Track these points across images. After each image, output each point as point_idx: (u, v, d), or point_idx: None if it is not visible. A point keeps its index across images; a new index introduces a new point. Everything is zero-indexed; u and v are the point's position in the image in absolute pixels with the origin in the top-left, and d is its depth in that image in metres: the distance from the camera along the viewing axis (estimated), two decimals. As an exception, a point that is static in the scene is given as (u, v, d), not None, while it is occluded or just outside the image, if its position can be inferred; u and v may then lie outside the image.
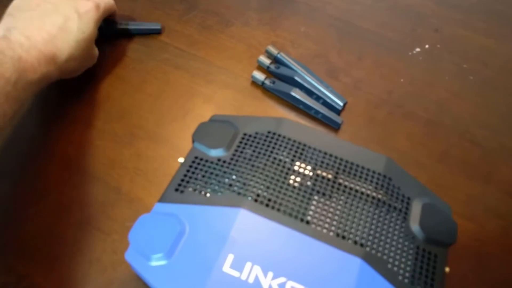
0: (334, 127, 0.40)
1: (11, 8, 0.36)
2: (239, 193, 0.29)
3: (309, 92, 0.41)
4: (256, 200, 0.29)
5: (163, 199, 0.29)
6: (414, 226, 0.29)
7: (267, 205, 0.29)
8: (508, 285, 0.32)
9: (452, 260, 0.31)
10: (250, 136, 0.33)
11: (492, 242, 0.34)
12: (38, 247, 0.31)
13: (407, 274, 0.27)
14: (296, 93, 0.40)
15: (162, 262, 0.26)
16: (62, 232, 0.31)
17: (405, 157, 0.38)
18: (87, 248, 0.31)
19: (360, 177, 0.31)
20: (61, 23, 0.36)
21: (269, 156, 0.31)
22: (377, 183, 0.31)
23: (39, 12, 0.36)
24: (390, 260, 0.27)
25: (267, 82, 0.41)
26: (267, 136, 0.33)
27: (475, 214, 0.35)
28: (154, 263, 0.26)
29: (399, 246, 0.28)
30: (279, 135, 0.33)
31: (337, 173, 0.31)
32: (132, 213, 0.32)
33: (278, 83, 0.41)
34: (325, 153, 0.32)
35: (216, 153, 0.32)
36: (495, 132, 0.41)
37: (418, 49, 0.47)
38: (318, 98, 0.41)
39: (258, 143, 0.32)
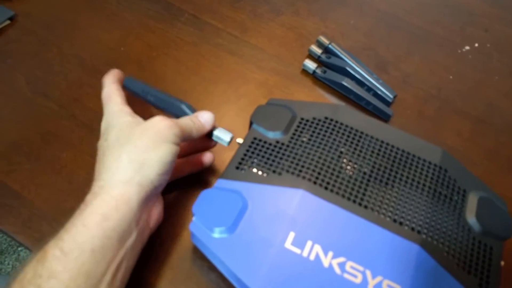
0: (384, 118, 0.40)
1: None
2: (298, 175, 0.30)
3: (360, 83, 0.41)
4: (315, 183, 0.29)
5: (224, 175, 0.30)
6: (471, 218, 0.30)
7: (326, 188, 0.29)
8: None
9: (506, 256, 0.31)
10: (307, 120, 0.33)
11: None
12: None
13: (463, 264, 0.27)
14: (348, 83, 0.40)
15: (225, 235, 0.27)
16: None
17: (454, 152, 0.38)
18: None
19: (417, 167, 0.31)
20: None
21: (327, 141, 0.32)
22: (433, 174, 0.31)
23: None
24: (446, 249, 0.28)
25: (318, 71, 0.42)
26: (324, 122, 0.33)
27: (525, 212, 0.35)
28: (217, 235, 0.27)
29: (455, 236, 0.29)
30: (337, 121, 0.33)
31: (393, 161, 0.32)
32: (190, 190, 0.33)
33: (329, 72, 0.42)
34: (382, 142, 0.32)
35: (274, 135, 0.32)
36: (545, 133, 0.41)
37: (467, 47, 0.47)
38: (368, 89, 0.41)
39: (315, 128, 0.33)
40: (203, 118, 0.33)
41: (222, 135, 0.33)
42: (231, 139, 0.33)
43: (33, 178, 0.34)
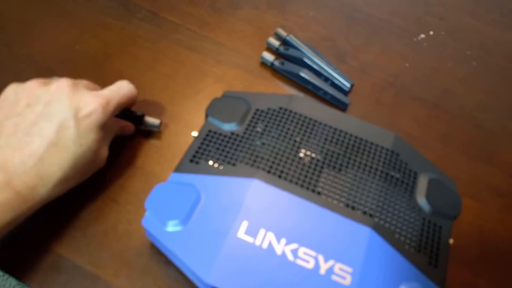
0: (341, 107, 0.41)
1: None
2: (252, 165, 0.30)
3: (317, 74, 0.42)
4: (269, 172, 0.30)
5: (178, 169, 0.30)
6: (421, 199, 0.30)
7: (279, 176, 0.30)
8: (508, 258, 0.33)
9: (456, 235, 0.32)
10: (262, 111, 0.34)
11: (494, 219, 0.35)
12: (56, 216, 0.32)
13: (413, 244, 0.28)
14: (305, 74, 0.41)
15: (178, 228, 0.27)
16: (79, 204, 0.32)
17: (411, 138, 0.39)
18: (103, 218, 0.32)
19: (369, 152, 0.32)
20: (52, 137, 0.27)
21: (281, 131, 0.32)
22: (385, 158, 0.32)
23: (24, 122, 0.28)
24: (398, 230, 0.28)
25: (276, 63, 0.42)
26: (279, 112, 0.34)
27: (478, 193, 0.37)
28: (170, 229, 0.27)
29: (406, 217, 0.29)
30: (291, 111, 0.34)
31: (346, 148, 0.32)
32: (147, 186, 0.33)
33: (287, 64, 0.42)
34: (335, 129, 0.33)
35: (229, 127, 0.32)
36: (498, 116, 0.42)
37: (423, 36, 0.48)
38: (326, 79, 0.41)
39: (270, 118, 0.33)
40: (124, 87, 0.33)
41: (152, 120, 0.36)
42: (160, 123, 0.36)
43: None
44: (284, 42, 0.44)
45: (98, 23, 0.44)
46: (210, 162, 0.30)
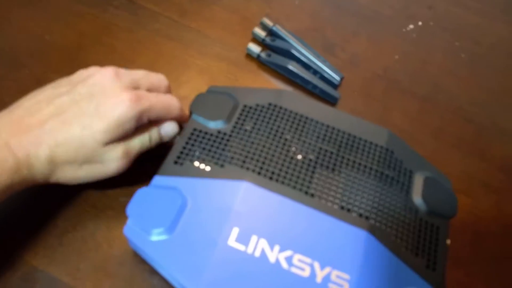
0: (331, 102, 0.39)
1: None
2: (241, 166, 0.28)
3: (305, 66, 0.40)
4: (259, 173, 0.28)
5: (161, 171, 0.28)
6: (417, 199, 0.29)
7: (270, 178, 0.28)
8: (503, 257, 0.33)
9: (450, 234, 0.31)
10: (250, 108, 0.32)
11: (487, 216, 0.35)
12: (29, 222, 0.29)
13: (411, 246, 0.27)
14: (294, 67, 0.39)
15: (163, 237, 0.25)
16: (55, 210, 0.30)
17: (401, 132, 0.38)
18: (80, 225, 0.29)
19: (363, 150, 0.31)
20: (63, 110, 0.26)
21: (271, 128, 0.30)
22: (379, 156, 0.30)
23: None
24: (394, 232, 0.27)
25: (263, 55, 0.40)
26: (268, 108, 0.32)
27: (471, 189, 0.36)
28: (155, 238, 0.25)
29: (403, 219, 0.28)
30: (281, 107, 0.32)
31: (339, 146, 0.31)
32: (128, 189, 0.31)
33: (274, 56, 0.40)
34: (328, 126, 0.31)
35: (215, 125, 0.30)
36: (487, 110, 0.41)
37: (411, 26, 0.47)
38: (315, 72, 0.40)
39: (259, 115, 0.31)
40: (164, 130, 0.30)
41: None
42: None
43: None
44: (271, 33, 0.42)
45: (70, 11, 0.41)
46: (196, 164, 0.28)
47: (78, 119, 0.26)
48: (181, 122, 0.31)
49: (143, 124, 0.29)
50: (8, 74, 0.36)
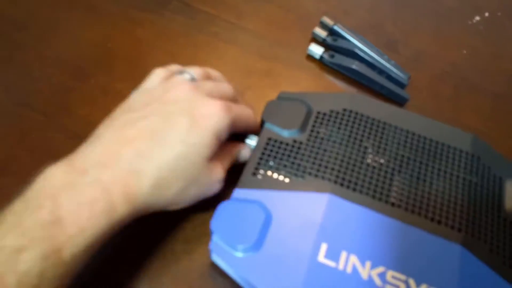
0: (400, 102, 0.37)
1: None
2: (322, 177, 0.27)
3: (371, 66, 0.38)
4: (341, 184, 0.27)
5: (241, 184, 0.27)
6: (510, 208, 0.27)
7: (354, 189, 0.27)
8: None
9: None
10: (324, 114, 0.30)
11: None
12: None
13: (508, 260, 0.25)
14: (359, 67, 0.37)
15: (250, 253, 0.25)
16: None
17: (476, 133, 0.36)
18: (156, 238, 0.29)
19: (447, 156, 0.29)
20: (157, 130, 0.24)
21: (349, 136, 0.29)
22: (466, 163, 0.29)
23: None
24: (489, 245, 0.26)
25: (326, 56, 0.39)
26: (343, 114, 0.30)
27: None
28: (241, 254, 0.25)
29: (497, 230, 0.26)
30: (356, 113, 0.30)
31: (422, 153, 0.29)
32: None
33: (338, 56, 0.39)
34: (408, 131, 0.30)
35: (290, 134, 0.29)
36: None
37: (477, 18, 0.44)
38: (380, 72, 0.38)
39: (334, 121, 0.30)
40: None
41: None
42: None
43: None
44: (331, 32, 0.40)
45: (127, 18, 0.41)
46: (275, 175, 0.28)
47: (176, 136, 0.24)
48: (255, 132, 0.31)
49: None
50: (76, 85, 0.36)
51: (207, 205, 0.28)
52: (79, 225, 0.21)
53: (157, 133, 0.24)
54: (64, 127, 0.34)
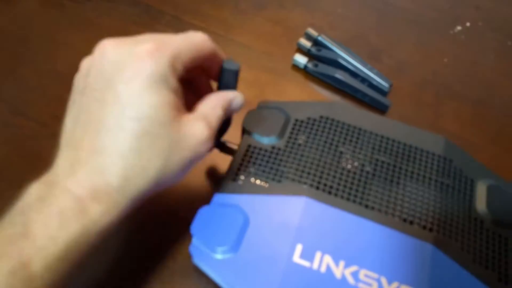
0: (381, 110, 0.38)
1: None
2: (299, 181, 0.28)
3: (353, 75, 0.39)
4: (317, 188, 0.28)
5: (221, 189, 0.29)
6: (481, 209, 0.28)
7: (329, 192, 0.28)
8: None
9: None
10: (302, 122, 0.32)
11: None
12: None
13: (479, 259, 0.26)
14: (341, 76, 0.39)
15: (229, 255, 0.26)
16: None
17: (456, 139, 0.37)
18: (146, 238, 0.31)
19: (420, 160, 0.30)
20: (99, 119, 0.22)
21: (325, 141, 0.30)
22: (438, 166, 0.30)
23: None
24: (460, 244, 0.27)
25: (310, 65, 0.40)
26: (320, 121, 0.32)
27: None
28: (220, 256, 0.26)
29: (468, 230, 0.27)
30: (333, 120, 0.32)
31: (396, 156, 0.30)
32: (186, 201, 0.32)
33: (321, 66, 0.40)
34: (382, 137, 0.31)
35: (269, 141, 0.31)
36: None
37: (459, 28, 0.46)
38: (363, 80, 0.39)
39: (311, 128, 0.31)
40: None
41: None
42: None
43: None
44: (316, 43, 0.42)
45: (122, 31, 0.42)
46: (254, 180, 0.29)
47: (119, 115, 0.21)
48: (218, 58, 0.27)
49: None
50: (69, 95, 0.38)
51: (190, 208, 0.29)
52: (49, 235, 0.20)
53: (100, 122, 0.21)
54: (57, 135, 0.35)
